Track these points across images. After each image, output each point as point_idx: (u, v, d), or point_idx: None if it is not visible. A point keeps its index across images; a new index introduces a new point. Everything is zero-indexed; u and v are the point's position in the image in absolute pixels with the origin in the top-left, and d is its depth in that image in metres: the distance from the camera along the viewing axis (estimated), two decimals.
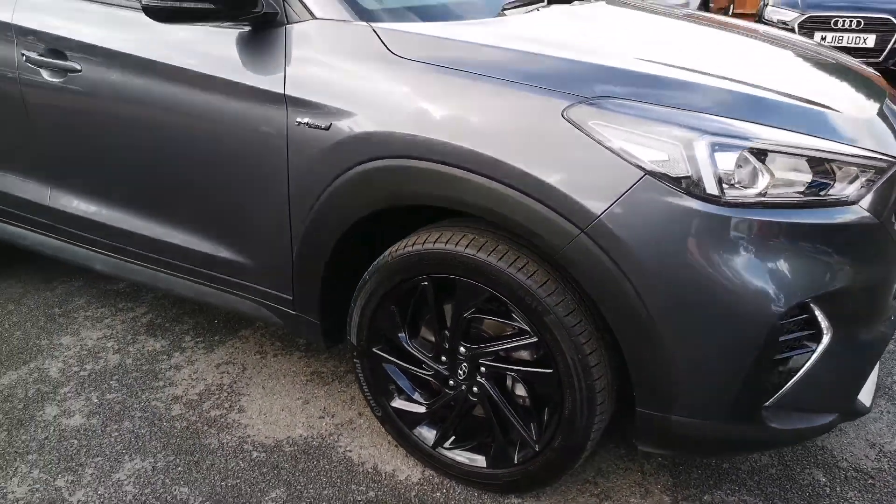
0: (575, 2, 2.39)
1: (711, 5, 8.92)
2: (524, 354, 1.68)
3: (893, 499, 1.84)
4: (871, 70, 2.21)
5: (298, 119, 1.73)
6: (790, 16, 7.48)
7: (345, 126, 1.68)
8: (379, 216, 1.76)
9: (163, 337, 2.61)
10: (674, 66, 1.63)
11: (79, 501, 1.84)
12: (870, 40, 7.09)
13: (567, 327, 1.54)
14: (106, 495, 1.86)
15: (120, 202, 2.23)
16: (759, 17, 7.89)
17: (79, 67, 2.08)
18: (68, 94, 2.13)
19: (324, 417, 2.16)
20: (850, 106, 1.69)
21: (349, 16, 1.74)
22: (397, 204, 1.71)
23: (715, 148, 1.39)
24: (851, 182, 1.48)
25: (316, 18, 1.75)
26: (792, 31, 7.45)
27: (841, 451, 2.00)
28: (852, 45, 7.16)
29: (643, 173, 1.40)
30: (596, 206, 1.42)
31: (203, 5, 1.68)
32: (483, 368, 1.74)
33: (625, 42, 1.96)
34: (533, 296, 1.55)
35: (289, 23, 1.77)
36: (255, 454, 2.01)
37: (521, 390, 1.73)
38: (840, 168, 1.48)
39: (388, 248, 1.78)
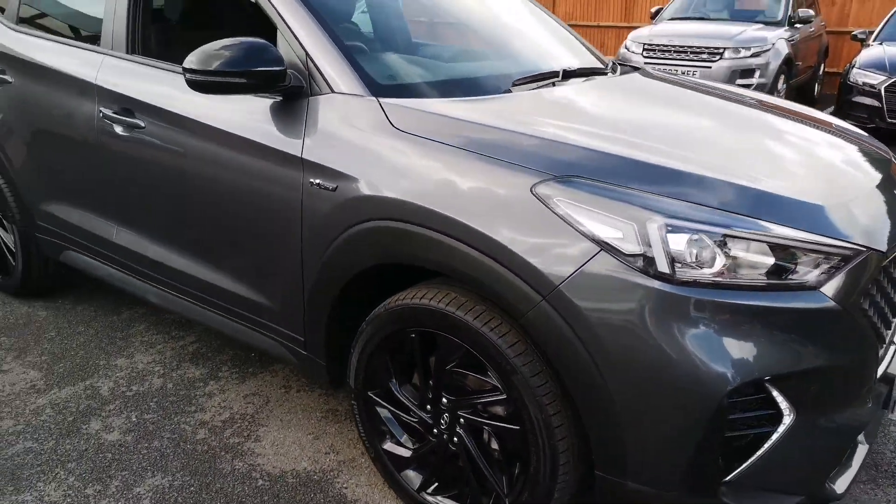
0: (601, 77, 2.51)
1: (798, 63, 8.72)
2: (498, 409, 1.78)
3: None
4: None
5: (312, 180, 1.94)
6: (877, 79, 7.25)
7: (349, 189, 1.86)
8: (384, 269, 1.92)
9: (203, 365, 2.85)
10: (652, 150, 1.73)
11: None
12: None
13: (532, 387, 1.64)
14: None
15: (168, 242, 2.50)
16: (843, 79, 7.68)
17: (143, 124, 2.38)
18: (133, 147, 2.44)
19: (329, 454, 2.32)
20: (839, 197, 1.72)
21: (363, 91, 1.94)
22: (390, 261, 1.87)
23: (668, 229, 1.48)
24: (815, 268, 1.52)
25: (334, 92, 1.97)
26: (879, 95, 7.21)
27: None
28: None
29: (599, 248, 1.50)
30: (556, 276, 1.53)
31: (237, 80, 1.92)
32: (462, 420, 1.85)
33: (617, 121, 2.07)
34: (503, 355, 1.66)
35: (312, 95, 2.00)
36: (260, 482, 2.18)
37: (495, 444, 1.83)
38: (805, 254, 1.52)
39: (384, 300, 1.93)
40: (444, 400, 1.87)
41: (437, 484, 1.98)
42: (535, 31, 2.86)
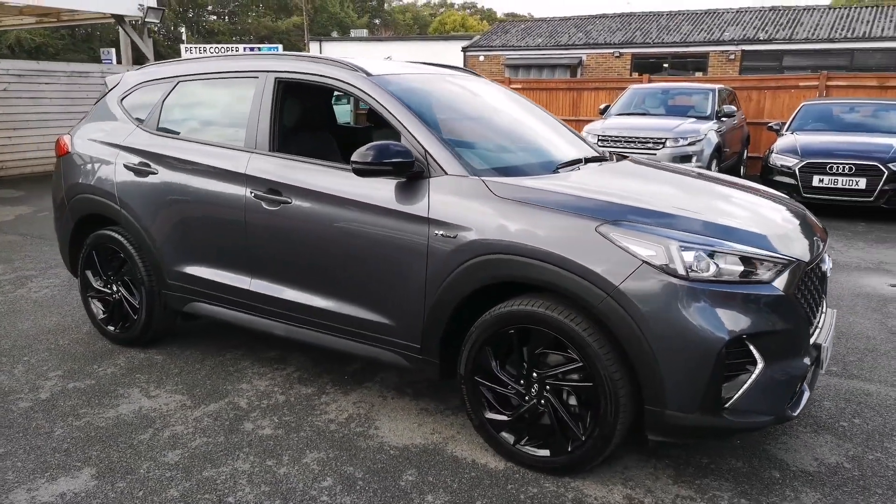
0: (606, 162, 3.59)
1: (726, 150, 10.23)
2: (574, 376, 2.70)
3: (833, 487, 2.73)
4: (801, 208, 3.32)
5: (436, 231, 2.89)
6: (792, 161, 8.72)
7: (465, 236, 2.83)
8: (481, 292, 2.86)
9: (310, 385, 3.67)
10: (658, 204, 2.77)
11: (284, 474, 2.85)
12: (861, 183, 8.26)
13: (601, 356, 2.58)
14: (302, 470, 2.87)
15: (302, 285, 3.38)
16: (765, 162, 9.17)
17: (289, 200, 3.31)
18: (279, 216, 3.35)
19: (433, 434, 3.17)
20: (777, 230, 2.79)
21: (466, 172, 2.94)
22: (494, 282, 2.81)
23: (682, 248, 2.49)
24: (767, 271, 2.56)
25: (447, 174, 2.96)
26: (794, 174, 8.67)
27: (792, 459, 2.92)
28: (846, 187, 8.32)
29: (641, 262, 2.50)
30: (615, 280, 2.51)
31: (386, 168, 2.90)
32: (548, 386, 2.76)
33: (629, 188, 3.13)
34: (580, 336, 2.60)
35: (430, 177, 2.98)
36: (391, 451, 3.01)
37: (572, 401, 2.74)
38: (761, 262, 2.55)
39: (485, 312, 2.86)
40: (535, 374, 2.78)
41: (527, 438, 2.85)
42: (550, 129, 3.95)
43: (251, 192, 3.45)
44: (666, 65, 23.59)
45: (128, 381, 3.73)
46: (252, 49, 34.91)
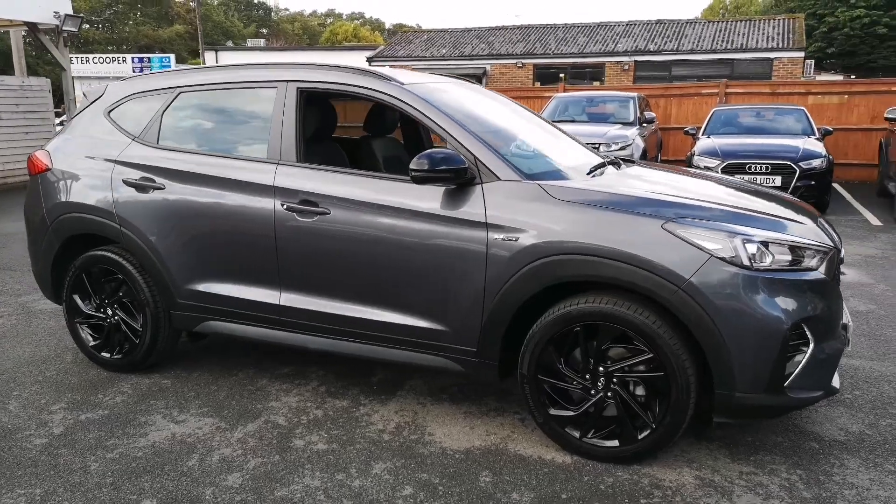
0: (623, 166, 3.77)
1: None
2: (641, 367, 2.84)
3: (867, 452, 3.02)
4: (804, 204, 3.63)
5: (495, 236, 2.95)
6: (713, 163, 9.37)
7: (526, 239, 2.91)
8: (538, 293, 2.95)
9: (343, 398, 3.62)
10: (712, 200, 2.98)
11: (360, 486, 2.81)
12: (777, 180, 9.00)
13: (671, 346, 2.73)
14: (376, 482, 2.83)
15: (342, 296, 3.33)
16: (688, 164, 9.81)
17: (327, 210, 3.26)
18: (316, 228, 3.29)
19: (490, 435, 3.21)
20: (806, 220, 3.06)
21: (518, 177, 3.02)
22: (555, 283, 2.91)
23: (744, 241, 2.69)
24: (812, 258, 2.80)
25: (500, 180, 3.03)
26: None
27: (822, 431, 3.20)
28: (765, 185, 9.05)
29: (709, 255, 2.67)
30: (686, 273, 2.67)
31: (444, 174, 2.94)
32: (615, 379, 2.88)
33: (675, 186, 3.32)
34: (650, 329, 2.74)
35: (482, 183, 3.04)
36: (457, 456, 3.03)
37: (639, 390, 2.87)
38: (806, 250, 2.80)
39: (536, 312, 2.95)
40: (601, 368, 2.90)
41: (593, 431, 2.96)
42: (558, 134, 4.09)
43: (282, 204, 3.36)
44: (562, 75, 24.58)
45: (145, 408, 3.52)
46: (141, 59, 33.28)
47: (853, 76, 29.30)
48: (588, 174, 3.40)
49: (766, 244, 2.73)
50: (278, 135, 3.47)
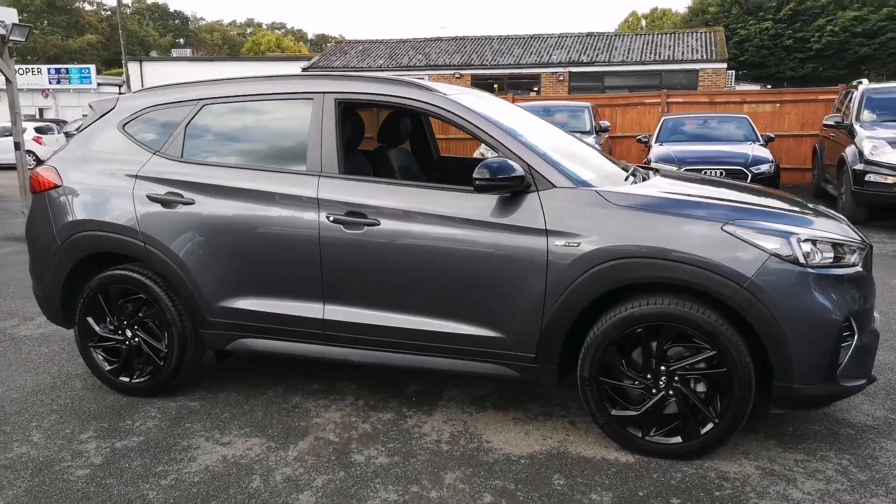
0: (651, 173, 3.90)
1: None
2: (703, 364, 2.96)
3: (887, 429, 3.24)
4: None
5: (557, 242, 3.02)
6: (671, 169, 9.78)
7: (588, 244, 2.98)
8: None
9: (386, 411, 3.58)
10: (758, 203, 3.14)
11: (438, 497, 2.80)
12: None
13: (733, 342, 2.86)
14: (453, 492, 2.83)
15: (392, 308, 3.31)
16: None
17: (378, 221, 3.24)
18: (366, 240, 3.26)
19: (546, 440, 3.26)
20: (833, 220, 3.26)
21: (573, 184, 3.10)
22: (616, 287, 3.00)
23: (799, 240, 2.85)
24: (853, 254, 3.00)
25: (556, 187, 3.10)
26: None
27: (852, 417, 3.40)
28: None
29: (769, 255, 2.82)
30: (748, 272, 2.81)
31: (505, 183, 2.98)
32: (677, 377, 2.99)
33: (715, 191, 3.47)
34: (713, 327, 2.86)
35: (538, 191, 3.09)
36: (522, 461, 3.06)
37: (700, 387, 2.99)
38: (846, 247, 2.99)
39: (602, 315, 3.03)
40: (662, 367, 3.00)
41: (654, 429, 3.06)
42: (580, 142, 4.20)
43: (327, 216, 3.32)
44: (496, 85, 25.06)
45: (182, 432, 3.39)
46: (59, 70, 31.71)
47: (769, 86, 31.10)
48: (625, 180, 3.51)
49: (814, 242, 2.90)
50: (317, 146, 3.42)
